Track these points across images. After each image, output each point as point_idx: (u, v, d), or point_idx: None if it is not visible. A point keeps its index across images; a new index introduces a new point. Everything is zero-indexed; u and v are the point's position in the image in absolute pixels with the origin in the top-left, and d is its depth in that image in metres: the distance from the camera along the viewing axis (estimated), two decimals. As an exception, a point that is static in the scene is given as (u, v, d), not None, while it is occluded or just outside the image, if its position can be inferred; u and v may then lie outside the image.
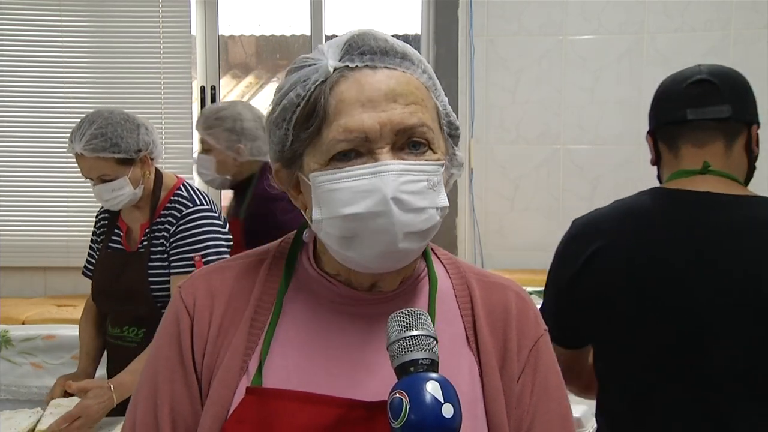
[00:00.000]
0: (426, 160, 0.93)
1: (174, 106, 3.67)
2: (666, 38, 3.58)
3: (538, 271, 3.56)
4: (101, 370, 2.39)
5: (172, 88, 3.67)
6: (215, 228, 2.23)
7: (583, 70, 3.64)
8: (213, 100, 3.86)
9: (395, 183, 0.89)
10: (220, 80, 3.93)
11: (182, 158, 3.68)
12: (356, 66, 0.93)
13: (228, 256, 2.24)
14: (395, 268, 0.97)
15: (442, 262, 1.09)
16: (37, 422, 2.05)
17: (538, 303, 3.18)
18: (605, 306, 1.53)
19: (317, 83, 0.93)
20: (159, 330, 1.04)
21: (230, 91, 4.32)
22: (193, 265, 2.16)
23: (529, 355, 1.03)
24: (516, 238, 3.74)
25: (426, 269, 1.05)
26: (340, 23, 3.89)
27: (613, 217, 1.59)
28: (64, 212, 3.69)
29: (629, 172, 3.65)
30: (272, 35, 4.22)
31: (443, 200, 0.94)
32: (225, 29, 4.02)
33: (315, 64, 0.94)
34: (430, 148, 0.94)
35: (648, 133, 1.67)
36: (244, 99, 4.37)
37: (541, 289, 3.19)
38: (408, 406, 0.79)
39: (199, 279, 1.04)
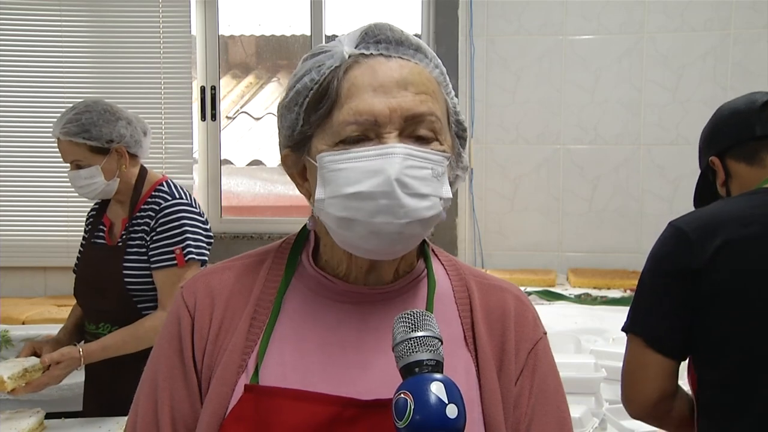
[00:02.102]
0: (432, 149, 0.94)
1: (174, 106, 3.67)
2: (666, 38, 3.59)
3: (538, 271, 3.57)
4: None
5: (172, 88, 3.67)
6: (194, 222, 2.24)
7: (583, 70, 3.65)
8: (213, 100, 3.87)
9: (400, 165, 0.90)
10: (220, 80, 3.93)
11: (182, 158, 3.68)
12: (371, 54, 0.95)
13: (208, 251, 2.27)
14: (393, 253, 0.97)
15: (442, 263, 1.09)
16: (40, 424, 2.06)
17: (539, 303, 3.21)
18: (739, 301, 1.52)
19: (332, 68, 0.95)
20: (161, 329, 1.05)
21: (230, 91, 4.32)
22: (174, 259, 2.17)
23: (528, 357, 1.03)
24: (516, 238, 3.74)
25: (425, 269, 1.05)
26: (340, 23, 3.89)
27: (730, 212, 1.60)
28: (64, 212, 3.69)
29: (629, 172, 3.65)
30: (272, 35, 4.22)
31: (447, 191, 0.96)
32: (225, 29, 4.02)
33: (330, 51, 0.97)
34: (437, 140, 0.95)
35: (714, 156, 1.74)
36: (244, 99, 4.38)
37: (541, 289, 3.24)
38: (412, 407, 0.79)
39: (200, 279, 1.05)
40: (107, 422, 2.11)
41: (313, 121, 0.95)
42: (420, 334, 0.85)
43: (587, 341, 2.59)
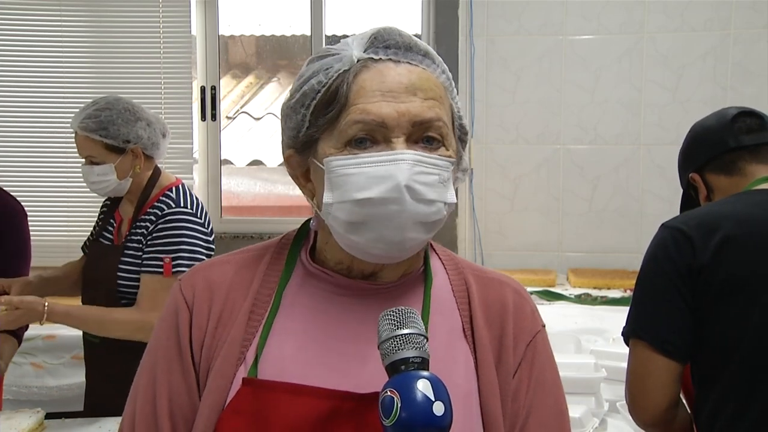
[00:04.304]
0: (439, 155, 0.95)
1: (174, 106, 3.67)
2: (666, 38, 3.59)
3: (538, 271, 3.57)
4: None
5: (172, 88, 3.67)
6: (194, 232, 2.18)
7: (583, 70, 3.65)
8: (213, 100, 3.87)
9: (409, 172, 0.91)
10: (220, 80, 3.93)
11: (182, 158, 3.68)
12: (380, 58, 0.96)
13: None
14: (398, 258, 0.98)
15: (440, 258, 1.10)
16: (40, 424, 2.06)
17: (539, 303, 3.21)
18: (744, 298, 1.53)
19: (340, 72, 0.95)
20: (158, 322, 1.06)
21: (230, 91, 4.32)
22: (162, 266, 2.13)
23: (526, 350, 1.03)
24: (516, 238, 3.74)
25: (423, 265, 1.06)
26: (340, 23, 3.89)
27: (727, 210, 1.62)
28: (64, 212, 3.69)
29: (629, 172, 3.65)
30: (272, 35, 4.22)
31: (452, 196, 0.98)
32: (225, 29, 4.02)
33: (339, 54, 0.97)
34: (444, 145, 0.97)
35: (694, 172, 1.79)
36: (244, 99, 4.38)
37: (541, 289, 3.24)
38: (399, 405, 0.79)
39: (199, 272, 1.06)
40: (107, 422, 2.10)
41: (321, 124, 0.96)
42: (405, 331, 0.85)
43: (587, 341, 2.59)
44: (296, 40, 4.12)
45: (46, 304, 2.06)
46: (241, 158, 4.20)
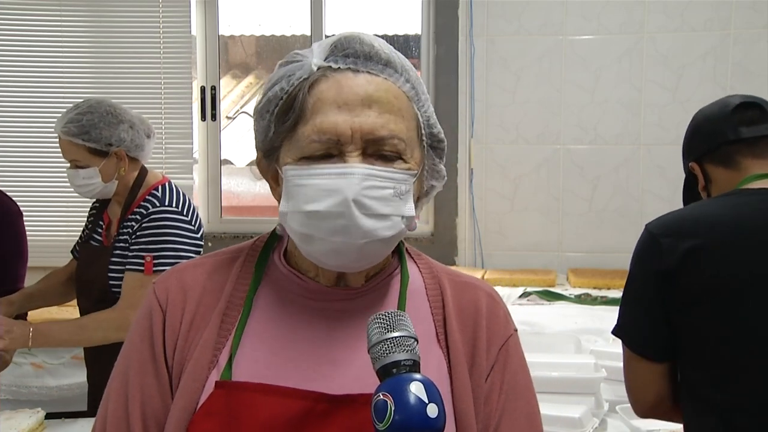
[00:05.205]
0: (395, 168, 0.94)
1: (174, 106, 3.67)
2: (666, 38, 3.58)
3: (538, 271, 3.57)
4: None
5: (172, 88, 3.67)
6: (178, 230, 2.16)
7: (583, 70, 3.64)
8: (213, 100, 3.87)
9: (358, 186, 0.91)
10: (220, 80, 3.93)
11: (182, 158, 3.68)
12: (339, 67, 0.95)
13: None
14: (356, 268, 0.98)
15: (415, 261, 1.10)
16: (40, 424, 2.06)
17: (541, 303, 3.22)
18: (719, 302, 1.53)
19: (300, 80, 0.96)
20: (132, 324, 1.06)
21: (230, 91, 4.32)
22: (143, 265, 2.11)
23: (499, 353, 1.04)
24: (516, 238, 3.74)
25: (399, 267, 1.07)
26: (340, 23, 3.89)
27: (701, 215, 1.62)
28: (64, 212, 3.69)
29: (629, 172, 3.65)
30: (272, 35, 4.22)
31: (409, 209, 0.96)
32: (225, 29, 4.02)
33: (301, 61, 0.97)
34: (402, 158, 0.96)
35: (694, 162, 1.78)
36: (244, 99, 4.37)
37: (541, 289, 3.23)
38: (392, 408, 0.79)
39: (173, 275, 1.06)
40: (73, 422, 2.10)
41: (281, 132, 0.97)
42: (396, 334, 0.85)
43: (587, 341, 2.59)
44: (296, 40, 4.12)
45: (31, 330, 2.00)
46: (241, 158, 4.20)
